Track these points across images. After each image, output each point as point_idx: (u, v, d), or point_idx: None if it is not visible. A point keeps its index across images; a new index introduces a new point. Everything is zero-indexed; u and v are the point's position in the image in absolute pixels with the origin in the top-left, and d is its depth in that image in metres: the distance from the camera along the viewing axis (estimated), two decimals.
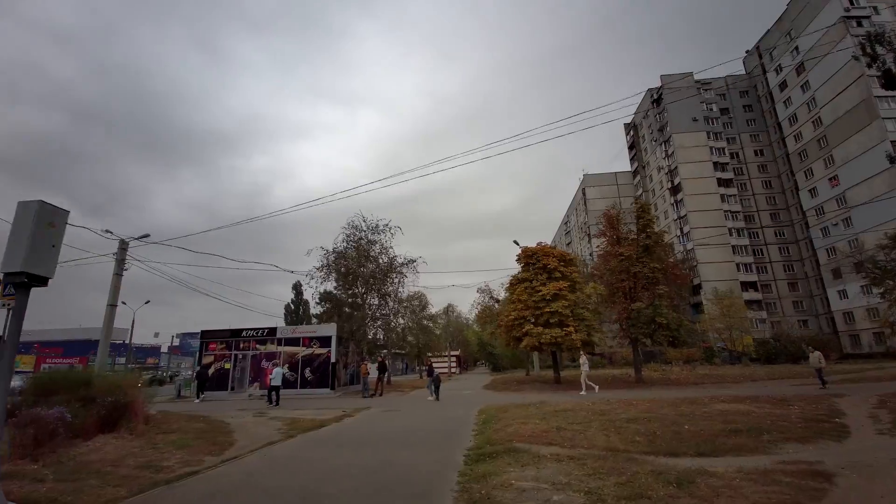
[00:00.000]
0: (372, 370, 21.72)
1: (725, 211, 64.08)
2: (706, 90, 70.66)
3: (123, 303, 44.38)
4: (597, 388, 17.35)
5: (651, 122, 75.50)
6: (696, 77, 71.06)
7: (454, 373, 46.40)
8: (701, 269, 62.05)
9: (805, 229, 59.28)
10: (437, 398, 17.38)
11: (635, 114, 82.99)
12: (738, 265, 61.53)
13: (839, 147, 51.65)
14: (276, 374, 18.54)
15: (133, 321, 41.51)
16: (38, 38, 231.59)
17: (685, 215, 65.20)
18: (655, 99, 73.62)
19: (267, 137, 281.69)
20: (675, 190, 68.18)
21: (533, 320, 20.85)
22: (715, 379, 22.34)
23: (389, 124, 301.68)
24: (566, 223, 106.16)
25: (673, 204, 68.85)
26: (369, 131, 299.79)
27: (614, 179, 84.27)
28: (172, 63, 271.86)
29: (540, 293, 20.72)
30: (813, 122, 55.53)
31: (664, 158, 70.95)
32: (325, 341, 23.08)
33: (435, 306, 53.16)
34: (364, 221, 24.07)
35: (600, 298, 21.59)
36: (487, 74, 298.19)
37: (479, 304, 37.22)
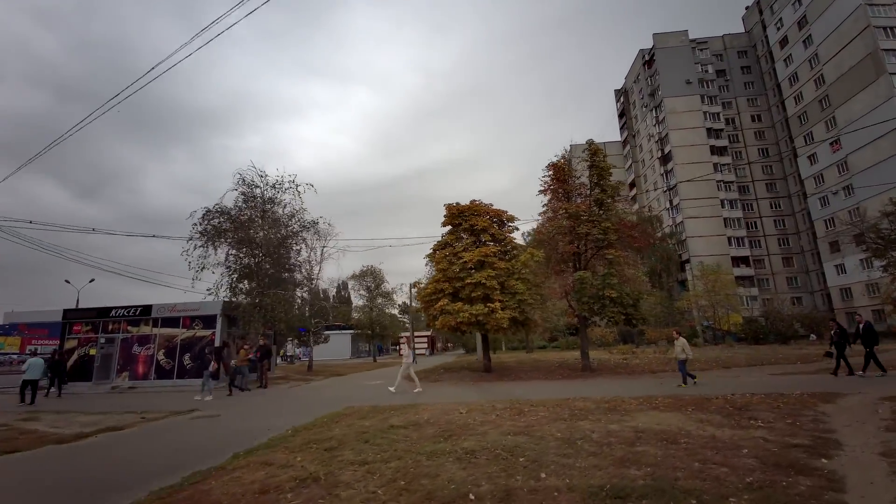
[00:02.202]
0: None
1: (718, 181, 59.38)
2: (702, 50, 65.09)
3: (67, 281, 40.49)
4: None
5: (642, 87, 70.03)
6: (692, 36, 65.45)
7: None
8: (690, 244, 57.86)
9: (802, 200, 54.83)
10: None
11: (626, 78, 77.42)
12: (729, 239, 57.28)
13: (842, 107, 46.74)
14: (32, 366, 14.18)
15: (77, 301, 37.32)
16: (17, 14, 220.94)
17: (675, 186, 60.57)
18: (647, 60, 68.03)
19: (258, 115, 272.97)
20: (665, 159, 63.40)
21: (452, 294, 16.71)
22: (669, 366, 18.34)
23: (382, 101, 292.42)
24: None
25: (663, 174, 64.15)
26: (362, 109, 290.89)
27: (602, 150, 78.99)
28: (156, 37, 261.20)
29: (462, 260, 16.53)
30: (815, 80, 50.42)
31: (655, 125, 65.85)
32: (209, 321, 18.98)
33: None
34: (262, 177, 19.66)
35: (540, 267, 17.27)
36: (482, 47, 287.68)
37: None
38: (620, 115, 79.22)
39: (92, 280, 39.08)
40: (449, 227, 18.43)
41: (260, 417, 10.30)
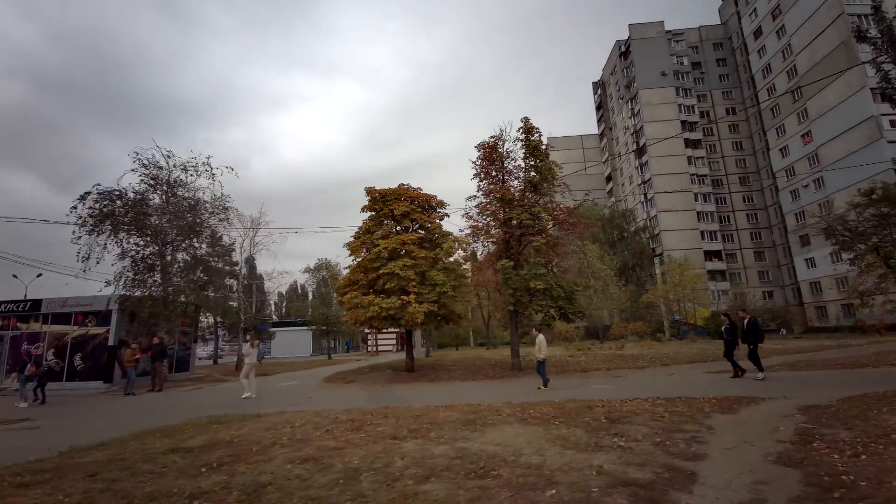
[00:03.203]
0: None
1: (692, 174, 58.58)
2: (678, 41, 64.05)
3: (14, 276, 37.81)
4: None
5: (619, 79, 68.89)
6: (668, 27, 64.37)
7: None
8: (663, 237, 57.02)
9: (775, 193, 54.20)
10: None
11: (603, 70, 76.22)
12: (702, 233, 56.56)
13: (814, 98, 45.97)
14: None
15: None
16: None
17: (649, 179, 59.61)
18: (623, 52, 66.86)
19: (242, 108, 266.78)
20: (640, 152, 62.38)
21: (368, 285, 15.07)
22: (626, 361, 17.00)
23: (369, 94, 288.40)
24: None
25: (637, 167, 63.18)
26: (348, 102, 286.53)
27: (580, 143, 77.95)
28: (135, 26, 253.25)
29: (377, 248, 14.87)
30: (787, 71, 49.64)
31: (630, 118, 64.79)
32: (104, 318, 17.06)
33: None
34: (168, 157, 17.62)
35: (474, 257, 15.70)
36: (470, 40, 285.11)
37: None
38: (598, 108, 78.12)
39: (39, 275, 36.54)
40: (371, 213, 16.70)
41: (57, 433, 8.45)
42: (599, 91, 77.46)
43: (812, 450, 4.64)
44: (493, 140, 16.27)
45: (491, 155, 16.27)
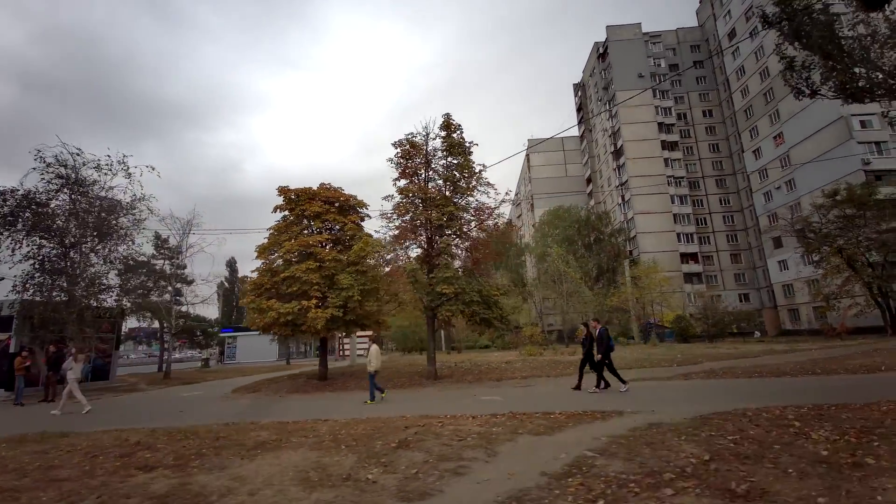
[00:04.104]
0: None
1: (669, 177, 58.19)
2: (655, 44, 63.85)
3: None
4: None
5: (597, 80, 68.58)
6: (646, 29, 64.14)
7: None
8: (640, 239, 56.52)
9: (749, 195, 53.86)
10: None
11: (584, 72, 75.89)
12: (678, 235, 56.09)
13: (786, 99, 45.61)
14: None
15: None
16: None
17: (626, 181, 59.15)
18: (601, 53, 66.56)
19: (233, 109, 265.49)
20: (617, 154, 61.97)
21: (272, 289, 14.26)
22: (559, 368, 16.23)
23: (362, 96, 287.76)
24: (518, 194, 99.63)
25: (615, 169, 62.73)
26: (340, 103, 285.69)
27: (560, 145, 77.46)
28: (124, 26, 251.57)
29: (283, 250, 14.08)
30: (760, 72, 49.40)
31: (608, 119, 64.40)
32: (5, 323, 16.13)
33: None
34: (76, 155, 16.68)
35: (379, 258, 14.90)
36: (464, 42, 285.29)
37: None
38: (578, 109, 77.78)
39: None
40: (284, 214, 15.88)
41: None
42: (580, 93, 77.13)
43: (559, 486, 3.88)
44: (410, 137, 15.52)
45: (409, 153, 15.51)
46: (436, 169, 15.95)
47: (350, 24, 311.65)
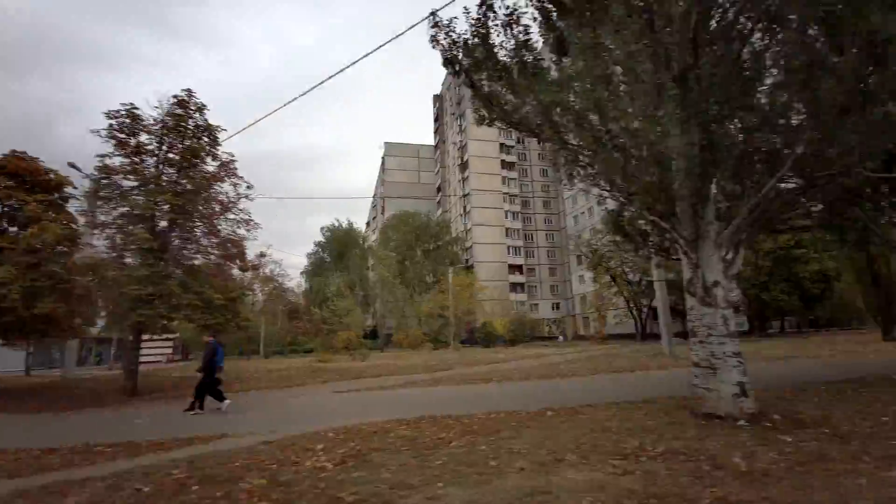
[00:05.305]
0: None
1: (505, 193, 63.53)
2: None
3: None
4: None
5: (452, 95, 71.80)
6: None
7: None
8: (476, 249, 60.39)
9: (564, 219, 61.71)
10: None
11: (442, 84, 79.00)
12: (508, 248, 61.43)
13: None
14: None
15: None
16: None
17: (469, 193, 62.86)
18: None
19: (54, 58, 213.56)
20: (463, 166, 65.51)
21: None
22: (334, 374, 15.60)
23: (233, 72, 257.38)
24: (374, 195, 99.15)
25: (461, 181, 66.25)
26: (205, 75, 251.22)
27: (416, 152, 79.26)
28: None
29: None
30: None
31: (458, 133, 67.82)
32: None
33: None
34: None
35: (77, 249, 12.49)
36: (352, 32, 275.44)
37: None
38: (436, 119, 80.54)
39: None
40: None
41: None
42: (438, 104, 79.98)
43: None
44: (131, 109, 13.33)
45: (125, 129, 13.28)
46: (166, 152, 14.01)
47: None
